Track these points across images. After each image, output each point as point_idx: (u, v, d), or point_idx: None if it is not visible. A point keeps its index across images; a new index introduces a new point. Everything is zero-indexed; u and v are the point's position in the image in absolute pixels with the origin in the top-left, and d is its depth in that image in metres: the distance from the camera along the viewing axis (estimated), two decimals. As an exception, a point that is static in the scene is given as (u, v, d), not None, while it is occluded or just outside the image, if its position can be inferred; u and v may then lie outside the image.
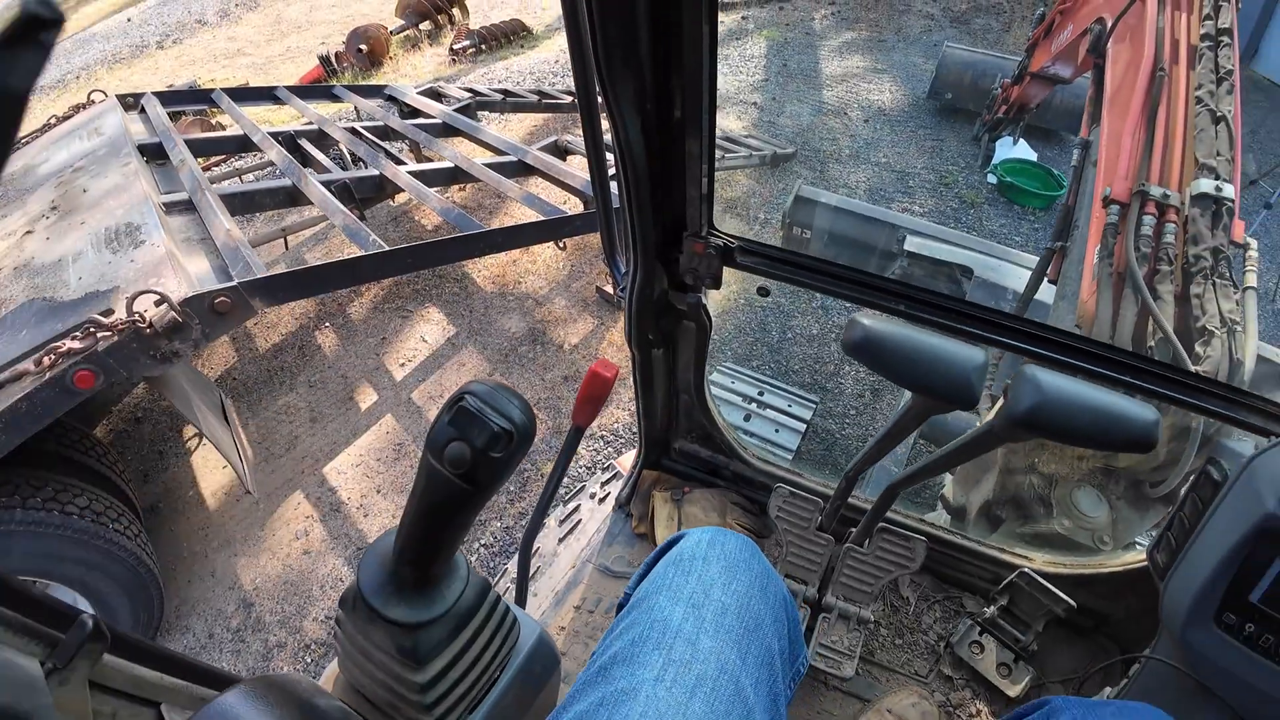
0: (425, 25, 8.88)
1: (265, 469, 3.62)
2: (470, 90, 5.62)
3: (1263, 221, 5.40)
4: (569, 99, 5.89)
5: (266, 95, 5.14)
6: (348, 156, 4.62)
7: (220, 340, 4.26)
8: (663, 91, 1.01)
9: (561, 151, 4.64)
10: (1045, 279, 2.63)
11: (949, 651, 1.67)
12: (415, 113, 5.09)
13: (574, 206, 3.96)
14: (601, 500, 2.06)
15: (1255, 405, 1.07)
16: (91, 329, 2.18)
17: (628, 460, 2.04)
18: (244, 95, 5.06)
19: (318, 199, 3.44)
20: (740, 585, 0.84)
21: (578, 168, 4.16)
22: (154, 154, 3.69)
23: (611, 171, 1.15)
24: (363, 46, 7.90)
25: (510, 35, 8.51)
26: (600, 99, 0.99)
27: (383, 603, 0.71)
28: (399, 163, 4.12)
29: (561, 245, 4.11)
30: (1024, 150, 6.06)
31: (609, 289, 4.41)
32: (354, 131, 4.45)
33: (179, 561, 3.23)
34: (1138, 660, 1.20)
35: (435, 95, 5.48)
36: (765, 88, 7.43)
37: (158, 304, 2.29)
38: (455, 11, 9.05)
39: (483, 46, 8.27)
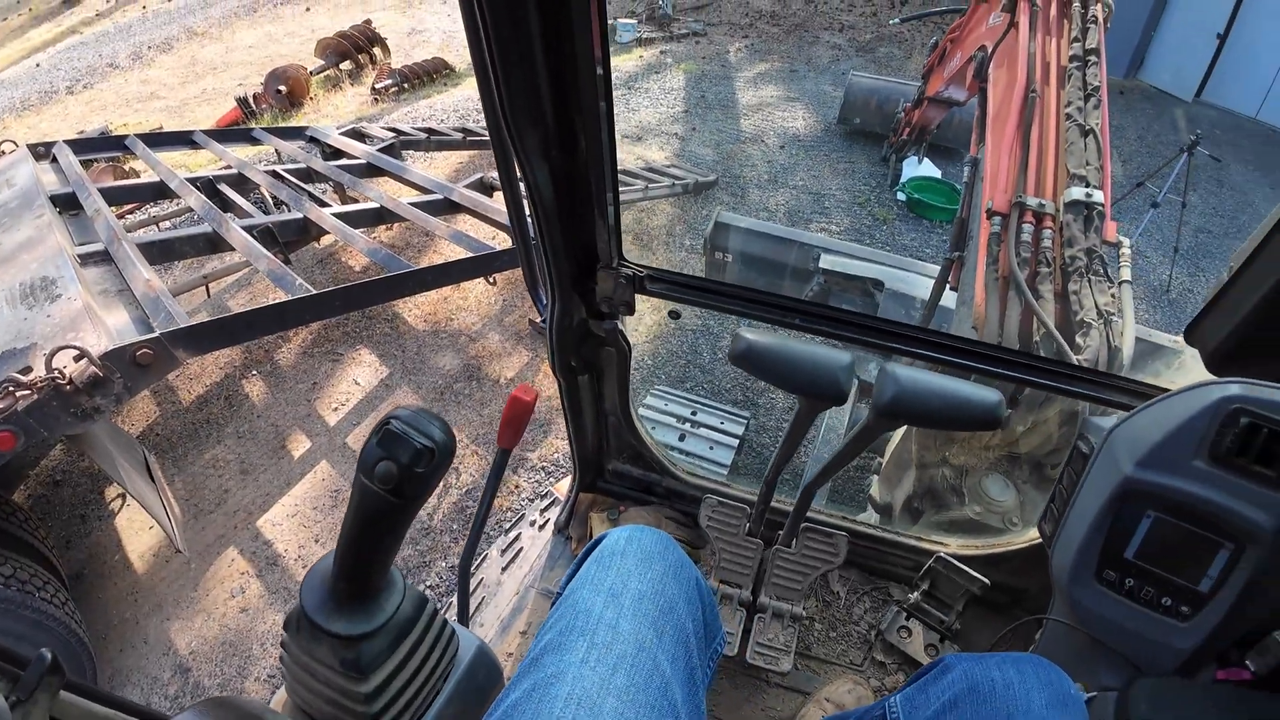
0: (346, 65, 8.86)
1: (195, 526, 3.50)
2: (394, 129, 5.64)
3: (1152, 219, 5.87)
4: (492, 136, 5.95)
5: (182, 140, 5.05)
6: (269, 200, 4.57)
7: (142, 394, 4.11)
8: (566, 137, 1.09)
9: (488, 188, 4.71)
10: (948, 287, 2.83)
11: (880, 639, 1.77)
12: (338, 153, 5.07)
13: (502, 242, 4.02)
14: (541, 526, 2.10)
15: (1115, 384, 1.21)
16: (10, 388, 2.11)
17: (565, 485, 2.09)
18: (159, 140, 4.96)
19: (240, 244, 3.40)
20: (655, 573, 0.93)
21: (504, 203, 4.21)
22: (67, 204, 3.59)
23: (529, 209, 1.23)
24: (282, 87, 7.82)
25: (433, 73, 8.57)
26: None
27: (325, 618, 0.76)
28: (323, 205, 4.10)
29: (491, 280, 4.15)
30: (929, 168, 6.46)
31: (540, 321, 4.46)
32: (275, 174, 4.41)
33: (110, 629, 3.08)
34: (1039, 622, 1.31)
35: (358, 135, 5.47)
36: (686, 119, 7.69)
37: (77, 359, 2.23)
38: (376, 51, 9.07)
39: (405, 85, 8.30)
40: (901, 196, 6.31)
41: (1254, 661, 1.09)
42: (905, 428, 2.38)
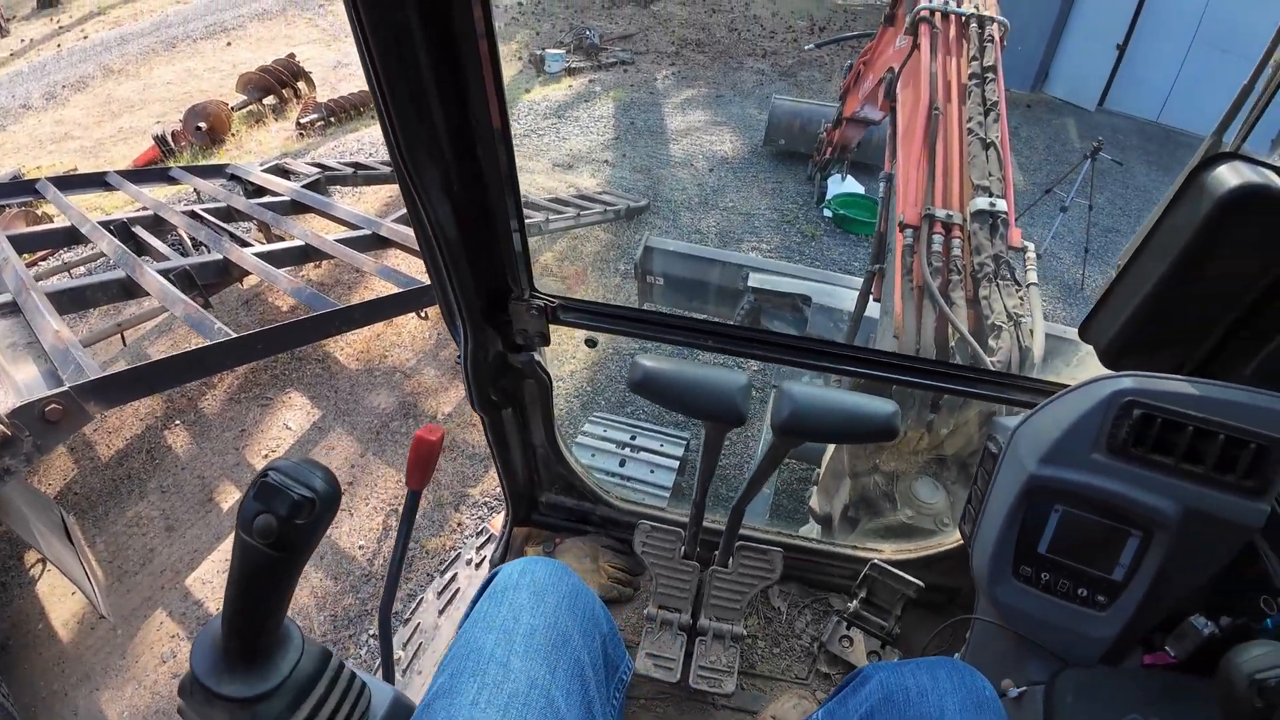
0: (269, 100, 8.68)
1: (120, 589, 3.31)
2: (319, 165, 5.55)
3: (1063, 222, 6.19)
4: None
5: (96, 182, 4.86)
6: (188, 242, 4.42)
7: (57, 451, 3.89)
8: (467, 172, 1.09)
9: (418, 221, 4.64)
10: (871, 298, 2.92)
11: (822, 650, 1.77)
12: (261, 191, 4.96)
13: (434, 274, 3.95)
14: (478, 565, 2.06)
15: (1017, 384, 1.26)
16: (-94, 452, 1.98)
17: (500, 521, 2.05)
18: (72, 183, 4.77)
19: (155, 289, 3.27)
20: (548, 606, 0.91)
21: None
22: (-28, 255, 3.40)
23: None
24: (202, 124, 7.61)
25: (360, 107, 8.46)
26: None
27: (216, 681, 0.72)
28: (245, 244, 3.99)
29: (424, 315, 4.10)
30: (852, 185, 6.69)
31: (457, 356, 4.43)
32: (194, 215, 4.28)
33: (38, 702, 2.89)
34: (967, 622, 1.34)
35: (282, 172, 5.37)
36: (616, 146, 7.78)
37: (-19, 418, 2.11)
38: (301, 84, 8.90)
39: (331, 119, 8.17)
40: (828, 213, 6.51)
41: (1173, 647, 1.13)
42: (837, 439, 2.42)
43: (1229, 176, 0.96)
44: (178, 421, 4.14)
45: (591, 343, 1.30)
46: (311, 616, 3.30)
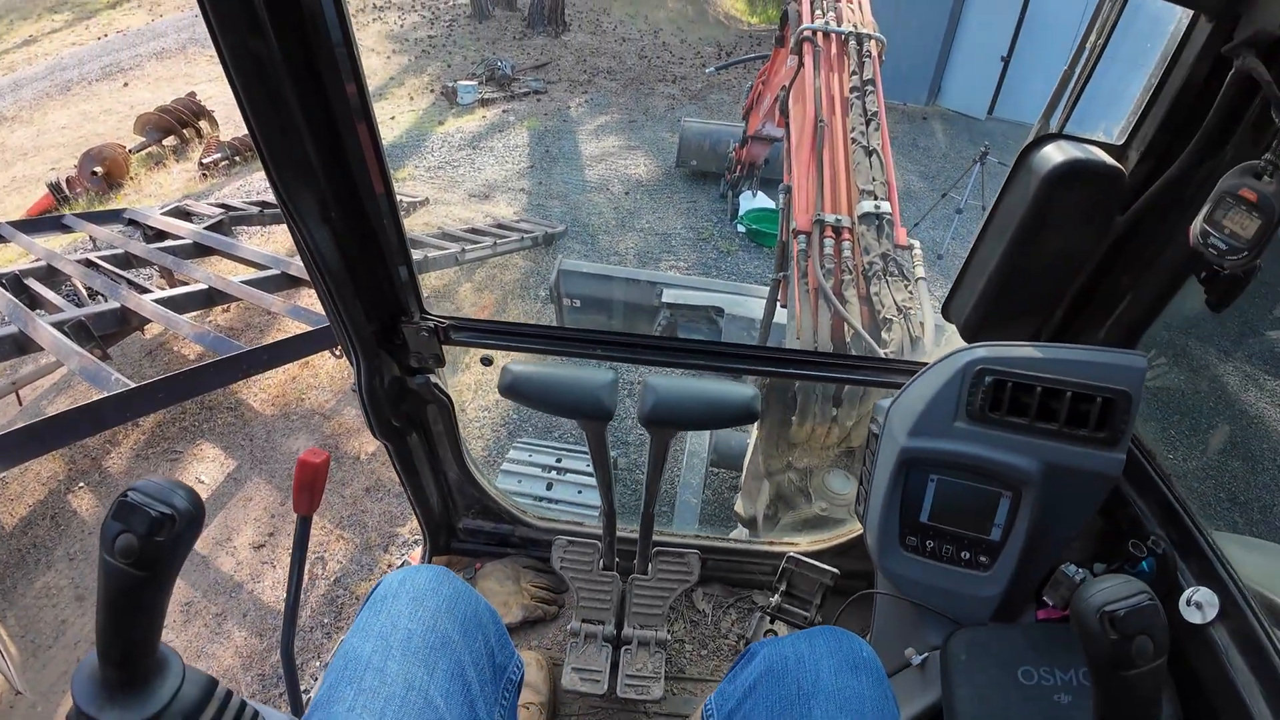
0: (170, 140, 8.36)
1: (35, 664, 3.10)
2: (223, 205, 5.39)
3: (960, 223, 6.53)
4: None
5: (-14, 235, 4.59)
6: (83, 292, 4.21)
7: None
8: (346, 197, 1.10)
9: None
10: (779, 305, 3.03)
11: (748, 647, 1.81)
12: (162, 235, 4.79)
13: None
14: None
15: (890, 367, 1.34)
16: None
17: (419, 554, 2.03)
18: (-42, 239, 4.50)
19: (49, 343, 3.12)
20: (426, 611, 0.92)
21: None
22: None
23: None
24: (98, 169, 7.27)
25: (265, 148, 8.23)
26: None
27: (97, 709, 0.71)
28: (144, 291, 3.84)
29: (338, 354, 4.01)
30: (763, 200, 6.93)
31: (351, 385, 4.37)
32: (90, 263, 4.09)
33: (-40, 789, 2.66)
34: (869, 597, 1.40)
35: (183, 214, 5.19)
36: (532, 173, 7.83)
37: None
38: (203, 124, 8.60)
39: (236, 158, 7.92)
40: (741, 228, 6.73)
41: (1050, 597, 1.20)
42: (753, 440, 2.49)
43: (1054, 154, 1.06)
44: (81, 484, 3.91)
45: (487, 361, 1.32)
46: (238, 678, 3.15)
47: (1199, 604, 1.04)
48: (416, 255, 4.73)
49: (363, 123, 1.03)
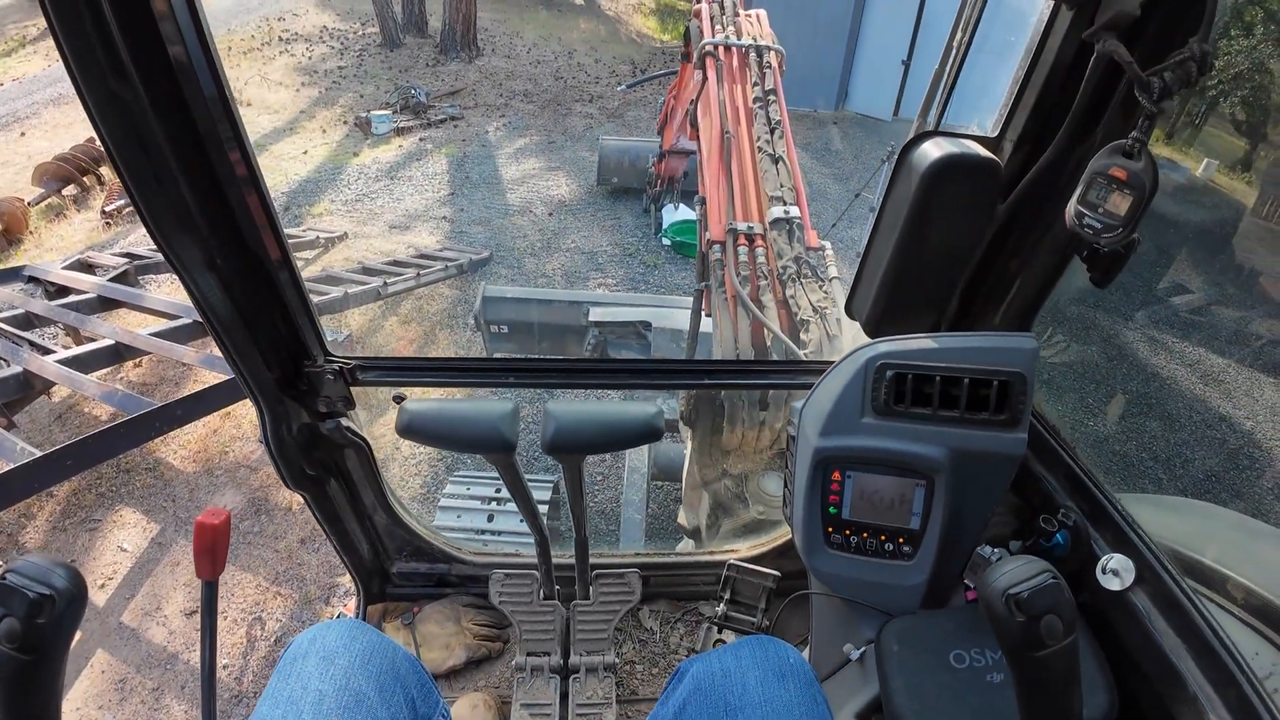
0: (70, 190, 7.91)
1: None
2: (128, 255, 5.14)
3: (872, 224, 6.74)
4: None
5: None
6: (-22, 360, 3.95)
7: None
8: (231, 242, 1.06)
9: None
10: (704, 314, 3.06)
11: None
12: (64, 290, 4.52)
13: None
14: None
15: (801, 368, 1.36)
16: None
17: (354, 605, 1.95)
18: None
19: (-66, 420, 2.90)
20: (338, 669, 0.89)
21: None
22: None
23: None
24: (-6, 226, 6.83)
25: (172, 192, 7.88)
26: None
27: None
28: (47, 352, 3.61)
29: (261, 400, 3.85)
30: (685, 212, 7.02)
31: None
32: (-18, 329, 3.83)
33: None
34: (807, 598, 1.41)
35: (86, 267, 4.92)
36: (453, 200, 7.74)
37: None
38: (104, 170, 8.18)
39: (140, 206, 7.56)
40: (666, 241, 6.80)
41: (970, 579, 1.24)
42: (689, 451, 2.50)
43: (931, 151, 1.10)
44: (-12, 565, 3.64)
45: (399, 399, 1.28)
46: (179, 754, 2.97)
47: (1115, 571, 1.07)
48: (336, 292, 4.60)
49: (236, 153, 0.99)
